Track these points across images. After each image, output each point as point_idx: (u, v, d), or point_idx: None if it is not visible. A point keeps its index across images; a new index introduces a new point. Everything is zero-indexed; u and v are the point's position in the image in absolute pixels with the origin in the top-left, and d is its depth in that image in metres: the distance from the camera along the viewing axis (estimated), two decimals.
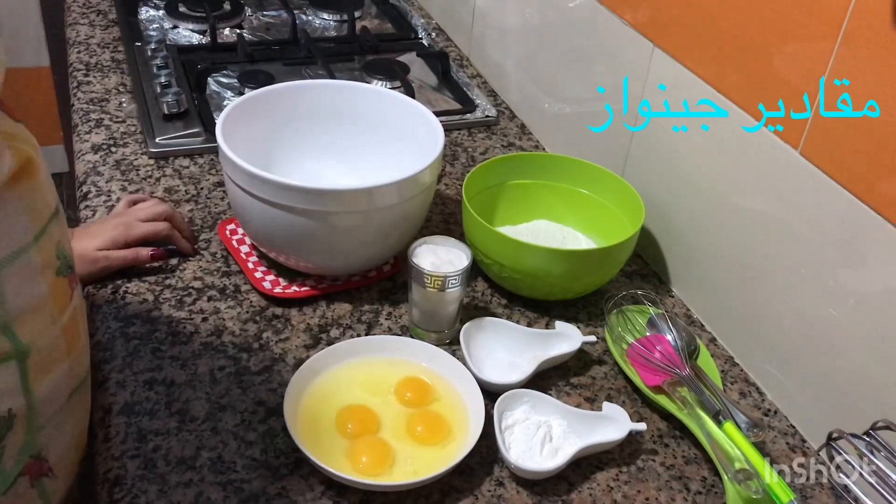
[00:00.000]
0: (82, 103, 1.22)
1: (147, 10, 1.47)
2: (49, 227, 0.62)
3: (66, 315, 0.64)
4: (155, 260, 0.92)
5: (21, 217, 0.58)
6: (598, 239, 1.01)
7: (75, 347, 0.67)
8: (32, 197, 0.59)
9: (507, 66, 1.35)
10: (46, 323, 0.61)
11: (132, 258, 0.91)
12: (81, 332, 0.69)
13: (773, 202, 0.82)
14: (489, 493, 0.73)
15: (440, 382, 0.81)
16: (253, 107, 0.97)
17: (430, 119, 0.96)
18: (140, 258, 0.91)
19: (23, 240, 0.58)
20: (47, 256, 0.61)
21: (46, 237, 0.61)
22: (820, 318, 0.78)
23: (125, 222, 0.92)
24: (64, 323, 0.64)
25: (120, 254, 0.90)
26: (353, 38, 1.46)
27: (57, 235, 0.64)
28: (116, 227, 0.91)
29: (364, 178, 0.88)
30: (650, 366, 0.82)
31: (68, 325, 0.65)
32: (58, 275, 0.63)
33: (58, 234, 0.64)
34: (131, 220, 0.93)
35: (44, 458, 0.65)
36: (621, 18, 1.01)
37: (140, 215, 0.94)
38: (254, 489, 0.71)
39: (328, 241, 0.87)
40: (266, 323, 0.88)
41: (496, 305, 0.94)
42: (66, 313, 0.64)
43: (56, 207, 0.64)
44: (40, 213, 0.61)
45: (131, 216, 0.93)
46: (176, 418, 0.77)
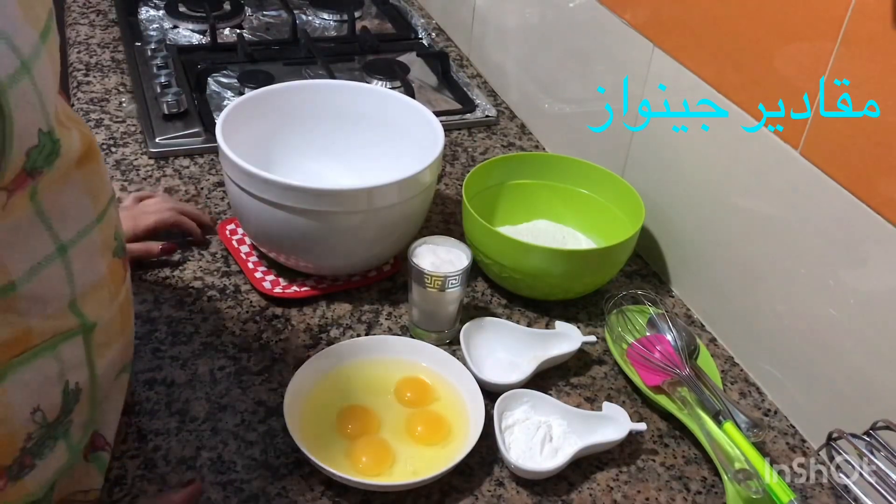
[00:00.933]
0: (82, 103, 1.22)
1: (147, 10, 1.47)
2: (109, 209, 0.64)
3: (122, 294, 0.66)
4: (165, 253, 0.93)
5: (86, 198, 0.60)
6: (598, 239, 1.01)
7: (128, 325, 0.69)
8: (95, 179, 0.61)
9: (507, 66, 1.35)
10: (106, 301, 0.63)
11: (144, 251, 0.92)
12: (132, 312, 0.71)
13: (773, 202, 0.82)
14: (489, 493, 0.73)
15: (440, 382, 0.81)
16: (253, 107, 0.97)
17: (430, 119, 0.97)
18: (151, 251, 0.92)
19: (88, 220, 0.60)
20: (107, 237, 0.63)
21: (107, 219, 0.63)
22: (820, 318, 0.78)
23: (133, 215, 0.93)
24: (120, 301, 0.66)
25: (131, 247, 0.91)
26: (353, 38, 1.46)
27: (115, 219, 0.66)
28: (125, 221, 0.92)
29: (364, 178, 0.88)
30: (650, 366, 0.82)
31: (124, 304, 0.67)
32: (115, 255, 0.65)
33: (115, 217, 0.66)
34: (139, 213, 0.94)
35: (99, 433, 0.67)
36: (621, 18, 1.01)
37: (148, 209, 0.95)
38: (254, 489, 0.71)
39: (328, 241, 0.87)
40: (266, 323, 0.88)
41: (496, 305, 0.94)
42: (121, 292, 0.66)
43: (113, 192, 0.66)
44: (102, 194, 0.63)
45: (139, 210, 0.95)
46: (176, 418, 0.77)
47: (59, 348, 0.58)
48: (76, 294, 0.59)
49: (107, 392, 0.66)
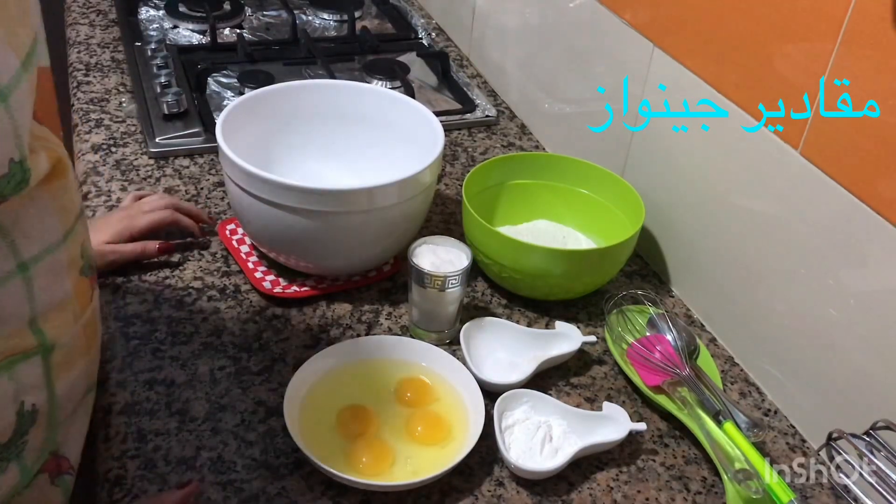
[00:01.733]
0: (82, 103, 1.22)
1: (147, 10, 1.47)
2: (76, 227, 0.63)
3: (87, 314, 0.65)
4: (162, 252, 0.93)
5: (52, 216, 0.59)
6: (598, 239, 1.01)
7: (93, 346, 0.68)
8: (63, 196, 0.61)
9: (507, 66, 1.35)
10: (69, 320, 0.62)
11: (140, 251, 0.92)
12: (98, 331, 0.70)
13: (773, 202, 0.82)
14: (489, 493, 0.73)
15: (440, 382, 0.81)
16: (253, 107, 0.97)
17: (430, 119, 0.96)
18: (148, 251, 0.92)
19: (53, 238, 0.59)
20: (73, 255, 0.62)
21: (73, 236, 0.62)
22: (820, 318, 0.78)
23: (130, 215, 0.93)
24: (85, 321, 0.65)
25: (128, 247, 0.91)
26: (353, 38, 1.46)
27: (82, 235, 0.65)
28: (122, 221, 0.92)
29: (364, 178, 0.88)
30: (650, 366, 0.82)
31: (88, 324, 0.66)
32: (81, 274, 0.64)
33: (83, 234, 0.65)
34: (136, 212, 0.94)
35: (62, 456, 0.66)
36: (621, 18, 1.01)
37: (144, 207, 0.95)
38: (254, 489, 0.71)
39: (328, 241, 0.87)
40: (266, 323, 0.88)
41: (496, 305, 0.94)
42: (86, 312, 0.65)
43: (81, 208, 0.65)
44: (69, 212, 0.62)
45: (136, 209, 0.94)
46: (176, 418, 0.77)
47: (16, 368, 0.56)
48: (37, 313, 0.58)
49: (69, 413, 0.65)
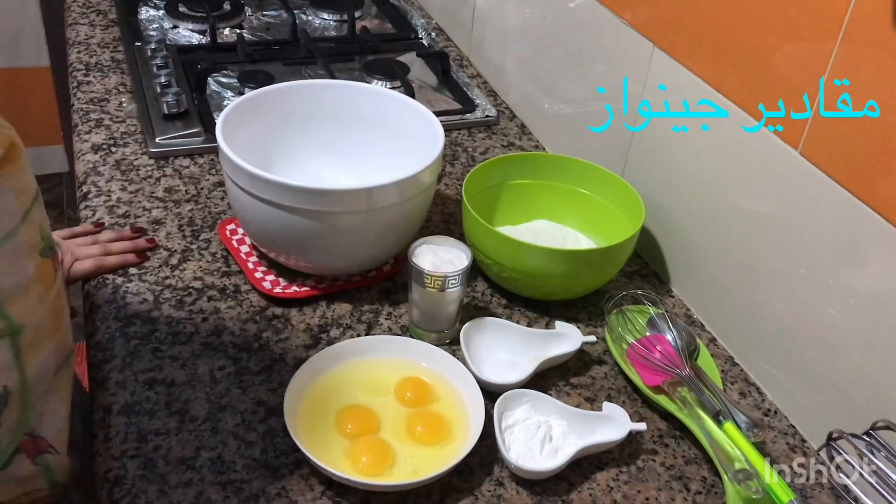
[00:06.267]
0: (82, 103, 1.22)
1: (147, 10, 1.47)
2: (32, 209, 0.63)
3: (52, 294, 0.66)
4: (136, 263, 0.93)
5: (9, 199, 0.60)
6: (598, 239, 1.01)
7: (61, 326, 0.68)
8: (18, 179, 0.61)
9: (507, 66, 1.35)
10: (35, 302, 0.63)
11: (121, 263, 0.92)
12: (65, 310, 0.71)
13: (773, 202, 0.82)
14: (489, 493, 0.73)
15: (440, 382, 0.81)
16: (253, 107, 0.97)
17: (430, 119, 0.96)
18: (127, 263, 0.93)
19: (12, 222, 0.60)
20: (32, 238, 0.63)
21: (31, 219, 0.63)
22: (820, 318, 0.78)
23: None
24: (50, 302, 0.65)
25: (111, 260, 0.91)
26: (353, 38, 1.46)
27: (39, 217, 0.65)
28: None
29: (364, 178, 0.88)
30: (650, 366, 0.82)
31: (54, 304, 0.66)
32: (42, 256, 0.64)
33: (39, 216, 0.65)
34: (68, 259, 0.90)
35: (39, 436, 0.66)
36: (621, 18, 1.01)
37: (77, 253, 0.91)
38: (254, 489, 0.71)
39: (328, 241, 0.87)
40: (266, 323, 0.88)
41: (496, 305, 0.94)
42: (51, 292, 0.66)
43: (37, 190, 0.65)
44: (25, 195, 0.62)
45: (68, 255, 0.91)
46: (176, 418, 0.77)
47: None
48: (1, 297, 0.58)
49: (42, 393, 0.65)
